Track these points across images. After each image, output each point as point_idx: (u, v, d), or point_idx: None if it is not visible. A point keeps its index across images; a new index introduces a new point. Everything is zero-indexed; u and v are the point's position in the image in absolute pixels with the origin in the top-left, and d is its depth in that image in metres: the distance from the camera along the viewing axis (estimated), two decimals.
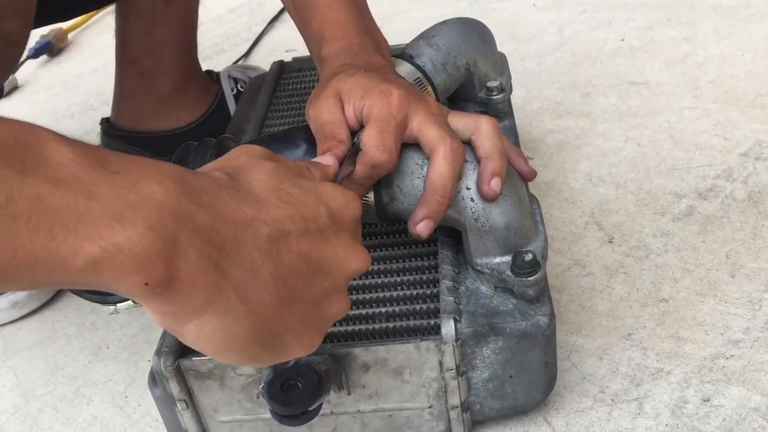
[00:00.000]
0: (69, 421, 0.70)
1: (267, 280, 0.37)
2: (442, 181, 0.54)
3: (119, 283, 0.33)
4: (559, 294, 0.73)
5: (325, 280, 0.41)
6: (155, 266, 0.33)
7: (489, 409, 0.59)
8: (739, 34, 1.14)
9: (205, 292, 0.35)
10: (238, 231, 0.37)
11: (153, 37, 0.95)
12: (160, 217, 0.33)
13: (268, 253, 0.37)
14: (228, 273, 0.36)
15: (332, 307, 0.42)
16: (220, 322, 0.36)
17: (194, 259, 0.34)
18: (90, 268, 0.32)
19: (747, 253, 0.75)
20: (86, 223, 0.32)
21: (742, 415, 0.59)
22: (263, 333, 0.38)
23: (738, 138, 0.91)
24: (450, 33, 0.74)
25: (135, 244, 0.32)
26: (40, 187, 0.31)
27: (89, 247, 0.32)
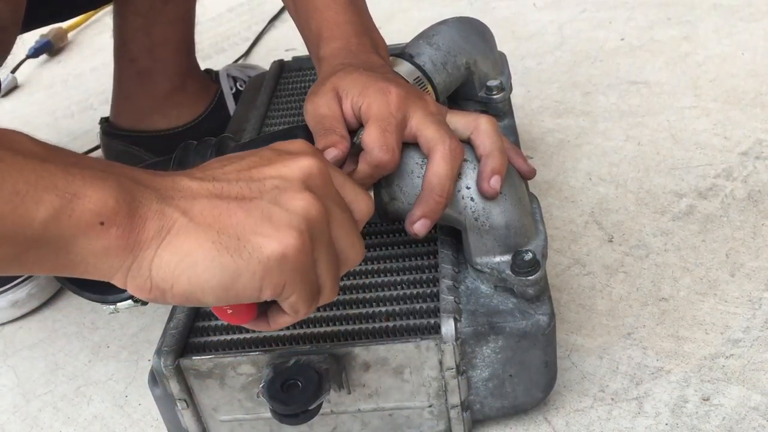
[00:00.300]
0: (69, 421, 0.70)
1: (203, 196, 0.40)
2: (440, 181, 0.54)
3: (78, 227, 0.37)
4: (559, 293, 0.73)
5: (273, 182, 0.42)
6: (108, 204, 0.37)
7: (489, 408, 0.59)
8: (740, 33, 1.14)
9: (153, 221, 0.39)
10: (173, 178, 0.42)
11: (151, 36, 0.95)
12: (105, 170, 0.39)
13: (201, 183, 0.41)
14: (170, 202, 0.40)
15: (293, 201, 0.41)
16: (173, 242, 0.39)
17: (139, 197, 0.39)
18: (51, 218, 0.36)
19: (747, 253, 0.75)
20: (44, 178, 0.36)
21: (741, 414, 0.59)
22: (222, 239, 0.39)
23: (738, 137, 0.91)
24: (450, 32, 0.74)
25: (88, 187, 0.37)
26: (2, 153, 0.36)
27: (48, 196, 0.36)
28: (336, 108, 0.57)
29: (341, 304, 0.59)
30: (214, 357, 0.55)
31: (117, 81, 1.01)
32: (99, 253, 0.38)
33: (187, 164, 0.63)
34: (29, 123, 1.29)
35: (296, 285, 0.41)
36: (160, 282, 0.39)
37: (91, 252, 0.38)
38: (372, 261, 0.62)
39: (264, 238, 0.40)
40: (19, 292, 0.83)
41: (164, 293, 0.40)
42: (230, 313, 0.43)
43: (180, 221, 0.39)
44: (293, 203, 0.41)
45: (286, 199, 0.41)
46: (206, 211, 0.40)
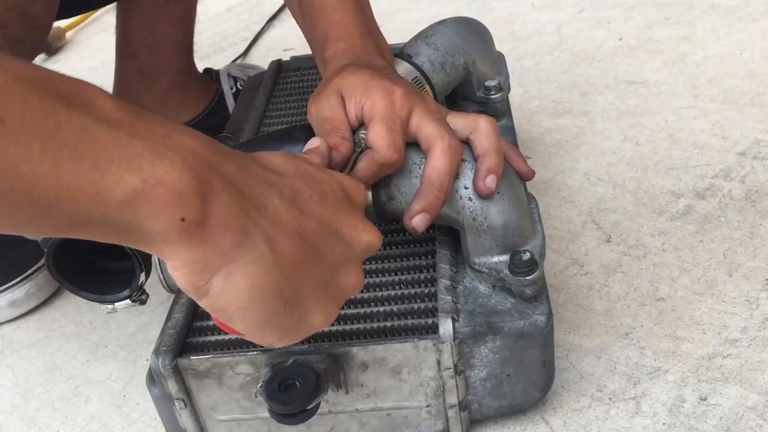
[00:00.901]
0: (67, 420, 0.70)
1: (292, 233, 0.39)
2: (439, 176, 0.54)
3: (157, 217, 0.34)
4: (557, 293, 0.73)
5: (343, 248, 0.42)
6: (192, 202, 0.35)
7: (487, 408, 0.59)
8: (738, 33, 1.14)
9: (235, 235, 0.36)
10: (264, 187, 0.39)
11: (154, 34, 0.96)
12: (195, 159, 0.36)
13: (291, 211, 0.39)
14: (256, 220, 0.37)
15: (349, 278, 0.43)
16: (247, 269, 0.37)
17: (226, 202, 0.36)
18: (129, 200, 0.34)
19: (744, 253, 0.75)
20: (128, 156, 0.34)
21: (739, 414, 0.60)
22: (287, 288, 0.39)
23: (736, 137, 0.91)
24: (448, 32, 0.74)
25: (175, 178, 0.34)
26: (86, 121, 0.33)
27: (130, 178, 0.33)
28: (339, 110, 0.57)
29: None
30: (212, 357, 0.55)
31: (118, 78, 1.01)
32: (170, 242, 0.36)
33: None
34: None
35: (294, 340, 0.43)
36: (214, 292, 0.38)
37: (161, 238, 0.36)
38: (370, 261, 0.62)
39: (315, 305, 0.41)
40: (17, 291, 0.83)
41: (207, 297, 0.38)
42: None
43: (262, 251, 0.38)
44: (349, 281, 0.43)
45: (344, 273, 0.42)
46: (288, 252, 0.39)
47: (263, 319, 0.39)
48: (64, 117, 0.32)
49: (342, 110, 0.57)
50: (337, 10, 0.66)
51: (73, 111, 0.33)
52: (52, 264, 0.54)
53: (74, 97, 0.34)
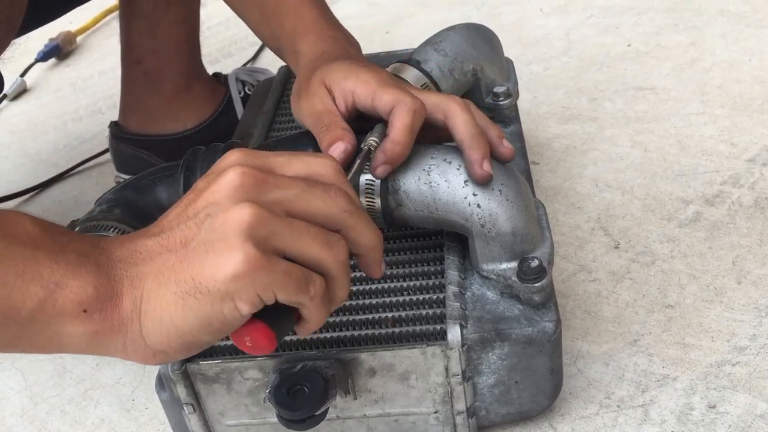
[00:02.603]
0: (77, 424, 0.71)
1: (152, 256, 0.42)
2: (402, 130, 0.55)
3: (62, 317, 0.39)
4: (565, 299, 0.73)
5: (201, 213, 0.42)
6: (87, 292, 0.40)
7: (494, 415, 0.59)
8: (747, 39, 1.14)
9: (124, 297, 0.41)
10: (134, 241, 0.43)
11: (156, 38, 0.96)
12: (85, 258, 0.41)
13: (154, 239, 0.43)
14: (131, 271, 0.42)
15: (225, 220, 0.41)
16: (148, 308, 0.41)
17: (110, 277, 0.41)
18: (37, 308, 0.39)
19: (753, 260, 0.75)
20: (32, 268, 0.39)
21: (747, 422, 0.59)
22: (181, 287, 0.40)
23: (745, 144, 0.91)
24: (457, 38, 0.74)
25: (70, 276, 0.40)
26: (2, 243, 0.39)
27: (33, 287, 0.39)
28: (330, 102, 0.59)
29: (347, 309, 0.59)
30: (221, 362, 0.56)
31: (124, 84, 1.01)
32: (89, 337, 0.40)
33: (195, 170, 0.64)
34: (37, 126, 1.30)
35: (271, 286, 0.41)
36: (157, 346, 0.42)
37: (81, 337, 0.40)
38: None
39: (212, 268, 0.40)
40: None
41: (166, 354, 0.42)
42: (249, 345, 0.43)
43: (146, 287, 0.41)
44: (226, 224, 0.41)
45: (218, 224, 0.41)
46: (163, 268, 0.41)
47: (201, 320, 0.41)
48: None
49: (332, 102, 0.59)
50: (303, 6, 0.69)
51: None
52: None
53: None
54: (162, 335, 0.41)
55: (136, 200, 0.66)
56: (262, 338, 0.43)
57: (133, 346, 0.41)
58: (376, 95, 0.57)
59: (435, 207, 0.57)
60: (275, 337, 0.43)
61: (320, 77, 0.59)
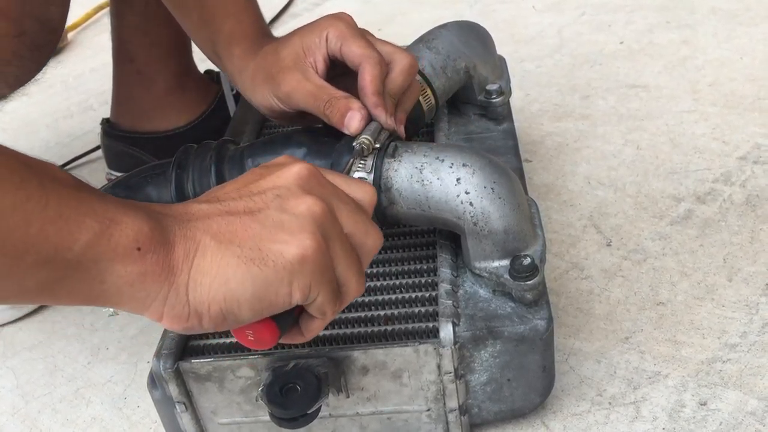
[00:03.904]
0: (68, 422, 0.71)
1: (217, 215, 0.42)
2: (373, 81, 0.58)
3: (115, 254, 0.38)
4: (557, 297, 0.73)
5: (271, 192, 0.43)
6: (143, 230, 0.39)
7: (487, 412, 0.59)
8: (739, 37, 1.15)
9: (180, 245, 0.40)
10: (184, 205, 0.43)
11: (149, 35, 0.96)
12: (132, 204, 0.41)
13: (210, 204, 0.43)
14: (189, 225, 0.41)
15: (297, 205, 0.43)
16: (203, 264, 0.40)
17: (165, 225, 0.40)
18: (91, 241, 0.37)
19: (744, 257, 0.75)
20: (84, 205, 0.38)
21: (738, 419, 0.60)
22: (245, 252, 0.40)
23: (737, 141, 0.91)
24: (450, 36, 0.74)
25: (123, 214, 0.39)
26: (44, 179, 0.37)
27: (89, 221, 0.37)
28: (315, 75, 0.60)
29: None
30: (213, 360, 0.55)
31: (116, 81, 1.01)
32: (135, 280, 0.39)
33: (187, 167, 0.63)
34: (29, 124, 1.30)
35: (320, 285, 0.42)
36: (198, 305, 0.40)
37: (126, 280, 0.39)
38: (371, 264, 0.62)
39: (282, 244, 0.41)
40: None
41: (201, 317, 0.41)
42: (251, 339, 0.44)
43: (203, 241, 0.41)
44: (298, 208, 0.42)
45: (290, 206, 0.42)
46: (223, 228, 0.41)
47: (253, 290, 0.40)
48: (26, 173, 0.37)
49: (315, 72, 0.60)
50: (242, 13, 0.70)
51: (32, 171, 0.37)
52: None
53: (31, 163, 0.38)
54: (209, 294, 0.40)
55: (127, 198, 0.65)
56: (267, 334, 0.43)
57: (175, 298, 0.40)
58: (346, 42, 0.59)
59: (427, 205, 0.57)
60: (279, 335, 0.44)
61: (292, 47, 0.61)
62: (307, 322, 0.46)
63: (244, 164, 0.62)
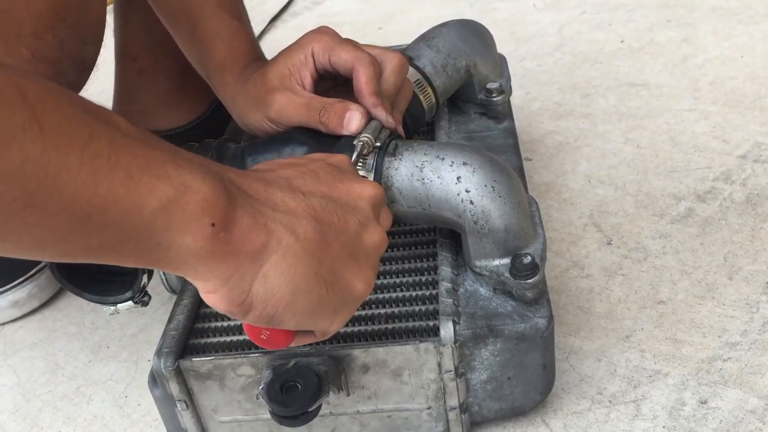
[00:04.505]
0: (69, 420, 0.71)
1: (307, 216, 0.40)
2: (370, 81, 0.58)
3: (188, 225, 0.35)
4: (557, 295, 0.73)
5: (354, 213, 0.43)
6: (219, 205, 0.35)
7: (487, 411, 0.59)
8: (739, 36, 1.14)
9: (260, 235, 0.37)
10: (264, 185, 0.40)
11: (152, 35, 0.96)
12: (209, 168, 0.37)
13: (295, 197, 0.40)
14: (272, 216, 0.38)
15: (372, 236, 0.43)
16: (281, 266, 0.38)
17: (243, 205, 0.37)
18: (163, 208, 0.34)
19: (745, 256, 0.75)
20: (155, 165, 0.34)
21: (738, 417, 0.60)
22: (322, 270, 0.40)
23: (737, 140, 0.91)
24: (450, 35, 0.74)
25: (200, 184, 0.35)
26: (113, 132, 0.33)
27: (162, 186, 0.34)
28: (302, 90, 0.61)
29: None
30: (213, 358, 0.56)
31: (118, 81, 1.01)
32: (202, 255, 0.36)
33: None
34: None
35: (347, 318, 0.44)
36: (258, 301, 0.38)
37: (194, 252, 0.36)
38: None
39: (352, 276, 0.41)
40: (19, 292, 0.83)
41: (252, 310, 0.39)
42: (264, 338, 0.43)
43: (288, 242, 0.38)
44: (372, 240, 0.43)
45: (367, 236, 0.43)
46: (310, 235, 0.39)
47: (310, 309, 0.40)
48: (95, 126, 0.33)
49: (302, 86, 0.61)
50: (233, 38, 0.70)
51: (100, 122, 0.33)
52: (55, 265, 0.55)
53: (97, 111, 0.34)
54: (274, 295, 0.38)
55: None
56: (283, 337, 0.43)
57: (237, 283, 0.37)
58: (334, 51, 0.59)
59: (428, 203, 0.57)
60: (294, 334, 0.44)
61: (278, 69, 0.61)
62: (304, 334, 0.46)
63: (244, 163, 0.62)
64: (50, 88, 0.32)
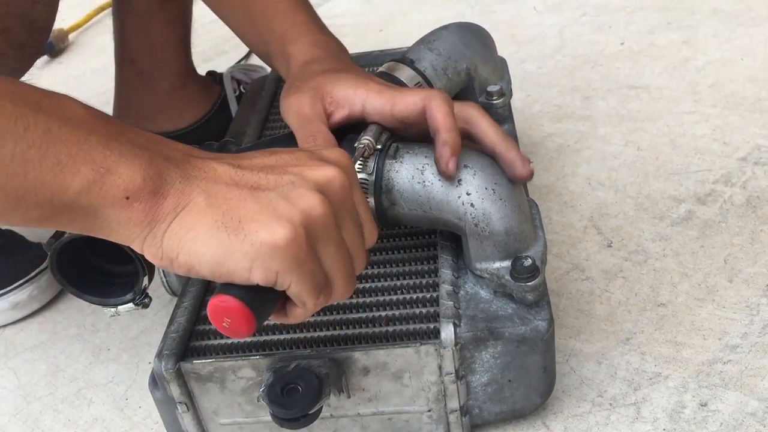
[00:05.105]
0: (70, 423, 0.71)
1: (226, 181, 0.44)
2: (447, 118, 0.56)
3: (106, 200, 0.41)
4: (557, 298, 0.74)
5: (290, 178, 0.44)
6: (134, 181, 0.41)
7: (488, 413, 0.59)
8: (739, 38, 1.15)
9: (173, 198, 0.42)
10: (202, 160, 0.45)
11: (150, 36, 0.96)
12: (140, 149, 0.42)
13: (227, 169, 0.44)
14: (194, 183, 0.43)
15: (300, 200, 0.44)
16: (185, 219, 0.42)
17: (165, 175, 0.42)
18: (84, 189, 0.40)
19: (745, 258, 0.75)
20: (85, 151, 0.40)
21: (739, 420, 0.60)
22: (225, 219, 0.42)
23: (737, 142, 0.91)
24: (451, 38, 0.74)
25: (122, 164, 0.41)
26: (51, 122, 0.39)
27: (85, 169, 0.40)
28: (320, 108, 0.59)
29: (341, 308, 0.59)
30: (214, 361, 0.56)
31: (118, 83, 1.01)
32: (122, 221, 0.42)
33: None
34: None
35: (292, 275, 0.43)
36: (168, 251, 0.43)
37: (115, 220, 0.42)
38: (372, 265, 0.62)
39: (260, 225, 0.42)
40: (19, 294, 0.83)
41: (171, 262, 0.43)
42: (226, 326, 0.44)
43: (195, 200, 0.43)
44: (300, 200, 0.44)
45: (294, 195, 0.44)
46: (220, 195, 0.43)
47: (216, 254, 0.42)
48: (32, 119, 0.39)
49: (321, 108, 0.59)
50: (293, 10, 0.69)
51: (41, 114, 0.39)
52: (56, 267, 0.55)
53: (43, 102, 0.40)
54: (178, 244, 0.42)
55: None
56: (243, 323, 0.43)
57: (151, 241, 0.43)
58: (397, 100, 0.57)
59: (429, 206, 0.57)
60: (256, 325, 0.44)
61: (320, 83, 0.60)
62: (291, 307, 0.46)
63: None
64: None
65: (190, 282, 0.63)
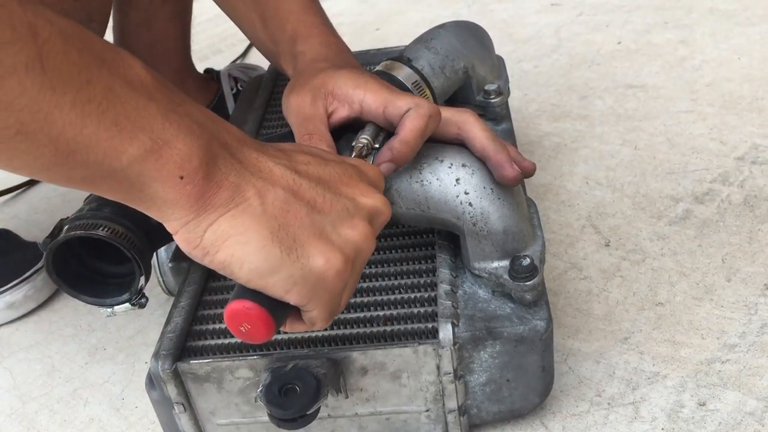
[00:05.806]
0: (66, 423, 0.70)
1: (282, 187, 0.43)
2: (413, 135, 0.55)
3: (159, 174, 0.38)
4: (555, 297, 0.73)
5: (344, 203, 0.44)
6: (191, 162, 0.39)
7: (486, 413, 0.59)
8: (736, 37, 1.15)
9: (226, 192, 0.41)
10: (257, 154, 0.43)
11: (151, 31, 0.96)
12: (199, 127, 0.40)
13: (284, 171, 0.43)
14: (248, 179, 0.42)
15: (353, 230, 0.44)
16: (235, 218, 0.41)
17: (221, 165, 0.41)
18: (139, 157, 0.38)
19: (743, 257, 0.75)
20: (144, 117, 0.38)
21: (737, 420, 0.60)
22: (281, 233, 0.41)
23: (734, 142, 0.91)
24: (448, 36, 0.74)
25: (180, 139, 0.39)
26: (113, 80, 0.37)
27: (143, 136, 0.38)
28: (321, 108, 0.59)
29: None
30: (211, 361, 0.55)
31: None
32: (169, 200, 0.40)
33: None
34: None
35: (321, 303, 0.44)
36: (208, 245, 0.41)
37: (162, 197, 0.39)
38: (370, 265, 0.62)
39: (316, 251, 0.42)
40: (15, 293, 0.83)
41: (205, 255, 0.42)
42: (244, 331, 0.43)
43: (252, 201, 0.41)
44: (352, 231, 0.44)
45: (349, 225, 0.44)
46: (278, 203, 0.42)
47: (261, 266, 0.41)
48: (95, 73, 0.36)
49: (323, 108, 0.59)
50: (305, 12, 0.69)
51: (104, 70, 0.37)
52: (52, 266, 0.54)
53: (107, 58, 0.38)
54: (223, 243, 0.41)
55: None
56: (263, 331, 0.43)
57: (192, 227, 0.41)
58: (389, 102, 0.57)
59: (427, 205, 0.57)
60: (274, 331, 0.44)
61: (323, 80, 0.59)
62: (296, 321, 0.46)
63: None
64: (65, 30, 0.35)
65: (186, 282, 0.63)
